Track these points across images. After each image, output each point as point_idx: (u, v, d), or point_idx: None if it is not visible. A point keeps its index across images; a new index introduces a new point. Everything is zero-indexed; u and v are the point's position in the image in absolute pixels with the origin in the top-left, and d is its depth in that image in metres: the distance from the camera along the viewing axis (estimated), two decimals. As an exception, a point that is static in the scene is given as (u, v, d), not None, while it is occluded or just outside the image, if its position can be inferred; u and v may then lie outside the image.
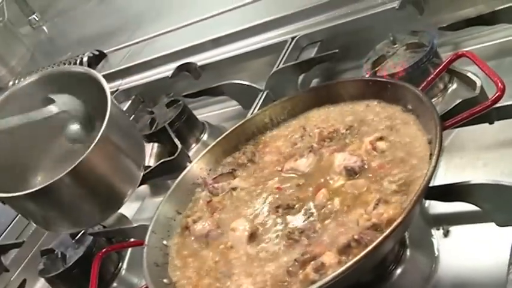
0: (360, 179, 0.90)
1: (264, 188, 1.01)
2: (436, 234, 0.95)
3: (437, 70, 0.95)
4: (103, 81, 1.10)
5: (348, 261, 0.78)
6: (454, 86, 1.19)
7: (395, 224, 0.75)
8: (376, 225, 0.80)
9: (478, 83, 0.97)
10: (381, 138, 0.94)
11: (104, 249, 1.02)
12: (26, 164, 1.19)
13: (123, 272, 1.32)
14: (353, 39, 1.45)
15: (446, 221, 0.96)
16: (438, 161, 0.80)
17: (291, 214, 0.92)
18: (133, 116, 1.81)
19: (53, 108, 1.11)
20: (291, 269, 0.83)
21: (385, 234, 0.73)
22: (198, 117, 1.58)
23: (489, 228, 0.87)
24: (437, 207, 0.97)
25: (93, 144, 1.02)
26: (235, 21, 1.76)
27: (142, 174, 1.15)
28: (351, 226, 0.83)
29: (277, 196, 0.97)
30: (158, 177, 1.32)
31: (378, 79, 1.01)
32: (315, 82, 1.48)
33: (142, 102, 1.87)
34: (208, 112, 1.68)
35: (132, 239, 1.33)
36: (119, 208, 1.14)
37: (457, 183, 0.85)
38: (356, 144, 0.96)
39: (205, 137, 1.56)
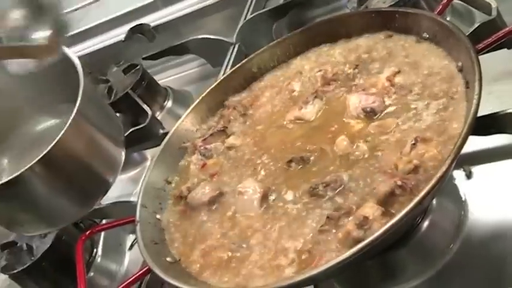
0: (384, 119, 0.78)
1: (267, 143, 0.89)
2: (458, 176, 0.85)
3: (453, -9, 0.84)
4: (69, 52, 0.97)
5: (394, 211, 0.66)
6: (447, 19, 1.09)
7: (448, 161, 0.64)
8: (417, 167, 0.69)
9: (493, 4, 0.88)
10: (398, 72, 0.82)
11: (89, 231, 0.87)
12: None
13: (98, 259, 1.19)
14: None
15: (466, 161, 0.87)
16: (481, 87, 0.69)
17: (307, 168, 0.80)
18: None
19: None
20: (323, 227, 0.70)
21: (442, 169, 0.62)
22: (159, 82, 1.44)
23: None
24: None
25: (68, 124, 0.87)
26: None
27: (124, 155, 1.01)
28: (387, 171, 0.72)
29: (285, 150, 0.85)
30: (129, 148, 1.17)
31: (384, 9, 0.90)
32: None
33: (90, 74, 1.69)
34: (169, 76, 1.55)
35: (104, 221, 1.19)
36: (100, 199, 0.99)
37: (499, 112, 0.75)
38: (369, 83, 0.85)
39: (169, 103, 1.43)
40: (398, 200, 0.68)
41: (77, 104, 0.88)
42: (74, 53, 1.68)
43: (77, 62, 0.93)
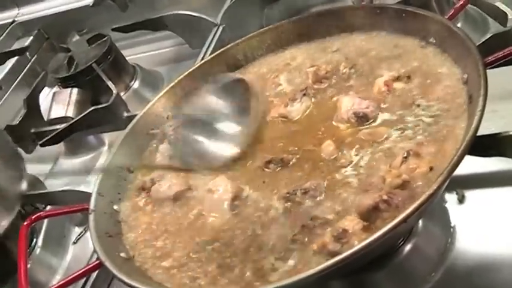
0: (376, 126, 0.84)
1: (245, 139, 0.93)
2: (450, 199, 0.91)
3: (469, -5, 0.90)
4: None
5: (376, 227, 0.71)
6: (459, 24, 1.15)
7: (441, 179, 0.68)
8: (406, 183, 0.74)
9: (510, 14, 0.94)
10: (397, 78, 0.88)
11: (35, 215, 0.90)
12: None
13: (38, 250, 1.21)
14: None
15: (460, 184, 0.92)
16: (486, 103, 0.75)
17: (286, 171, 0.85)
18: (36, 55, 1.66)
19: None
20: (297, 237, 0.75)
21: (433, 187, 0.66)
22: (127, 58, 1.47)
23: (508, 192, 0.86)
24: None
25: None
26: None
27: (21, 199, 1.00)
28: (373, 184, 0.77)
29: (264, 149, 0.90)
30: (87, 130, 1.21)
31: (390, 6, 0.94)
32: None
33: (47, 39, 1.72)
34: (139, 53, 1.57)
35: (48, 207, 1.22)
36: None
37: (501, 133, 0.80)
38: (365, 86, 0.90)
39: (136, 84, 1.46)
40: (382, 215, 0.72)
41: None
42: (30, 12, 1.72)
43: None
